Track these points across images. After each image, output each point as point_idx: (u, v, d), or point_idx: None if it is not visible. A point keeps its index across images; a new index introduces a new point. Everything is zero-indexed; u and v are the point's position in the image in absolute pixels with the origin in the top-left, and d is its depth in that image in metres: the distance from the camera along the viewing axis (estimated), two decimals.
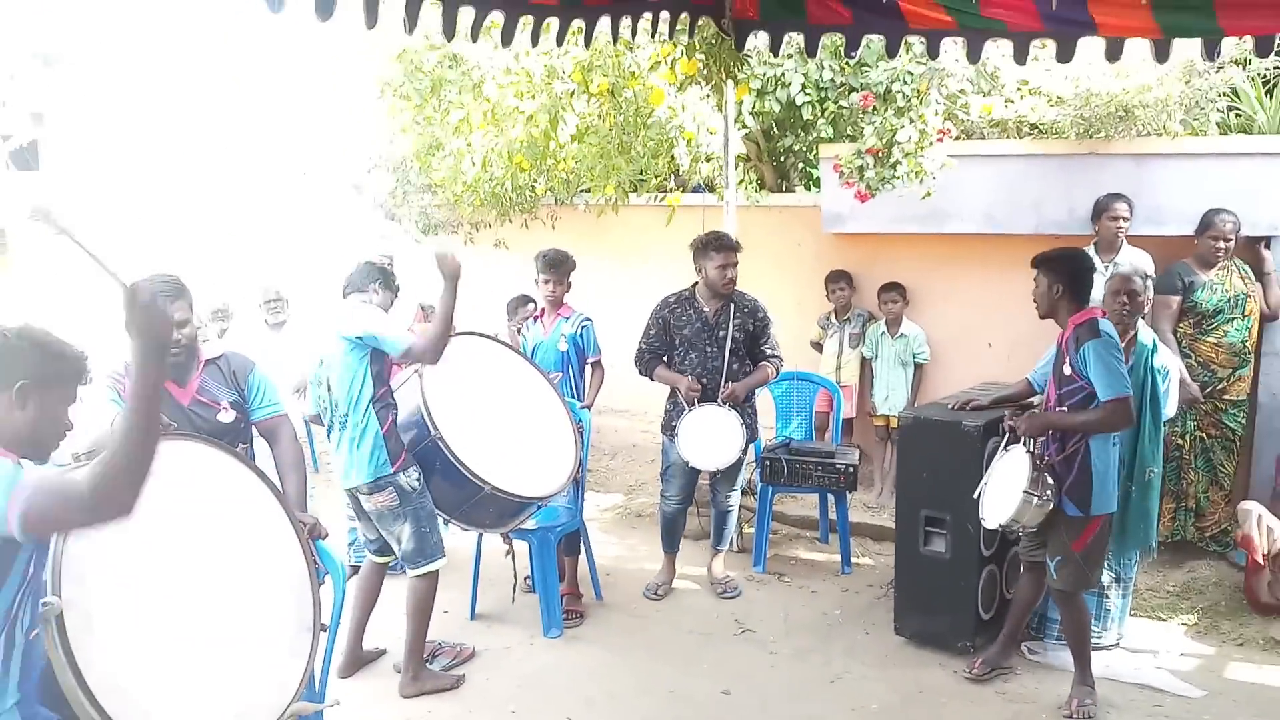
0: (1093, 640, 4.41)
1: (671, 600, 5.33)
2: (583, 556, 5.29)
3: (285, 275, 7.28)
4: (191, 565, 2.89)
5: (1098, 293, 5.42)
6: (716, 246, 5.02)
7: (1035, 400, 4.43)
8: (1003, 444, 4.16)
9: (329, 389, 4.26)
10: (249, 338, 6.39)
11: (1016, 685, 4.34)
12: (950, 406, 4.65)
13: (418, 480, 4.23)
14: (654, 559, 5.54)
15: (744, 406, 5.14)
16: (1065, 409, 3.97)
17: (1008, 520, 3.93)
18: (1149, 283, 4.58)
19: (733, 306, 5.12)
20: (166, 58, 9.77)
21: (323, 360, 4.28)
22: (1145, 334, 4.38)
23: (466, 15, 3.93)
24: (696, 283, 5.16)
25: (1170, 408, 4.53)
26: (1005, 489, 3.99)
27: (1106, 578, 4.49)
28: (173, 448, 3.09)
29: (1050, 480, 3.92)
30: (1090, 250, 5.52)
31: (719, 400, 5.04)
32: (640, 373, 5.30)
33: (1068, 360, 3.94)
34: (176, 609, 2.74)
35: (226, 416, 3.59)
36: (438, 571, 4.32)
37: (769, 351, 5.23)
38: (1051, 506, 3.91)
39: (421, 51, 7.01)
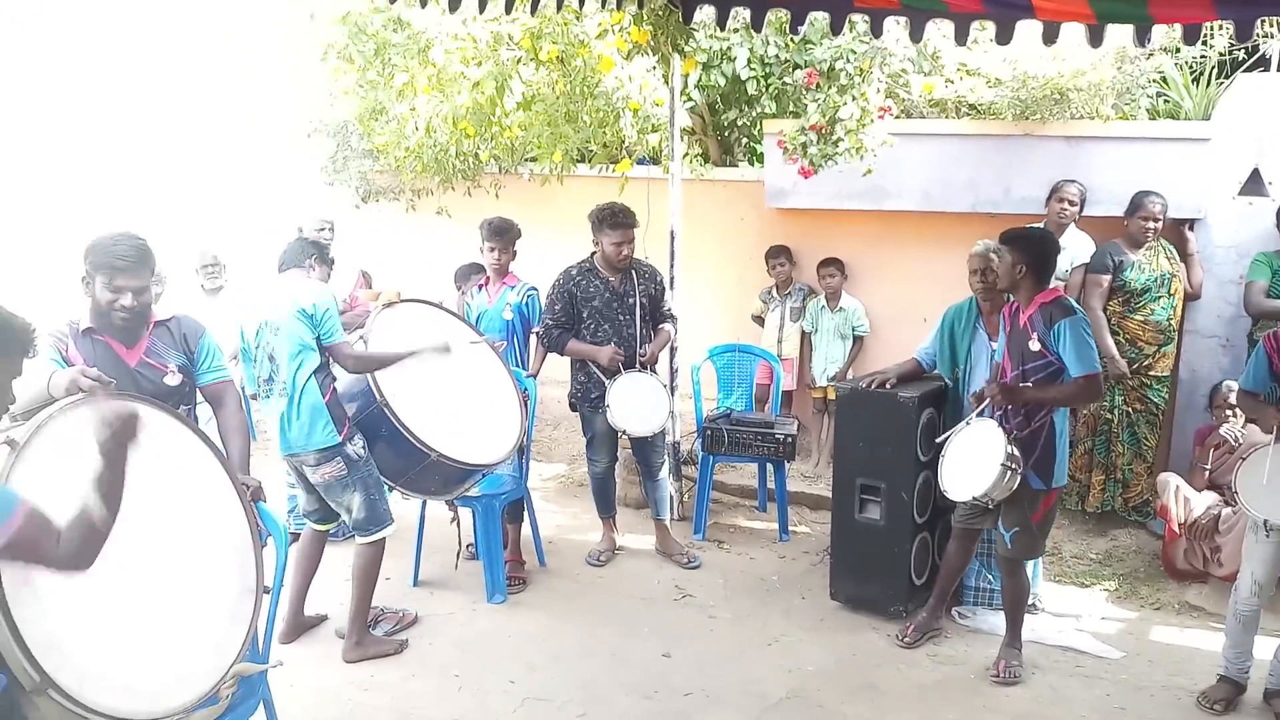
0: None
1: (613, 566, 5.41)
2: (526, 524, 5.33)
3: (222, 240, 7.15)
4: (133, 526, 2.86)
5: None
6: (612, 223, 5.05)
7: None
8: (975, 413, 4.18)
9: (270, 357, 4.22)
10: (185, 303, 6.27)
11: (946, 648, 4.50)
12: (865, 386, 4.76)
13: (363, 448, 4.25)
14: (596, 527, 5.60)
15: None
16: (1030, 384, 4.07)
17: (982, 493, 3.99)
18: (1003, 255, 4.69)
19: (634, 274, 5.18)
20: (106, 11, 9.46)
21: (266, 325, 4.23)
22: None
23: None
24: (594, 253, 5.18)
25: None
26: (974, 461, 4.07)
27: None
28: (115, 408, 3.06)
29: (1018, 453, 4.01)
30: None
31: (639, 365, 5.11)
32: (548, 349, 5.33)
33: (1034, 336, 4.05)
34: (117, 569, 2.72)
35: (173, 379, 3.55)
36: (385, 538, 4.33)
37: (668, 313, 5.41)
38: (1019, 479, 4.01)
39: (366, 14, 6.89)
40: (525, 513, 5.31)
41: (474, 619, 4.78)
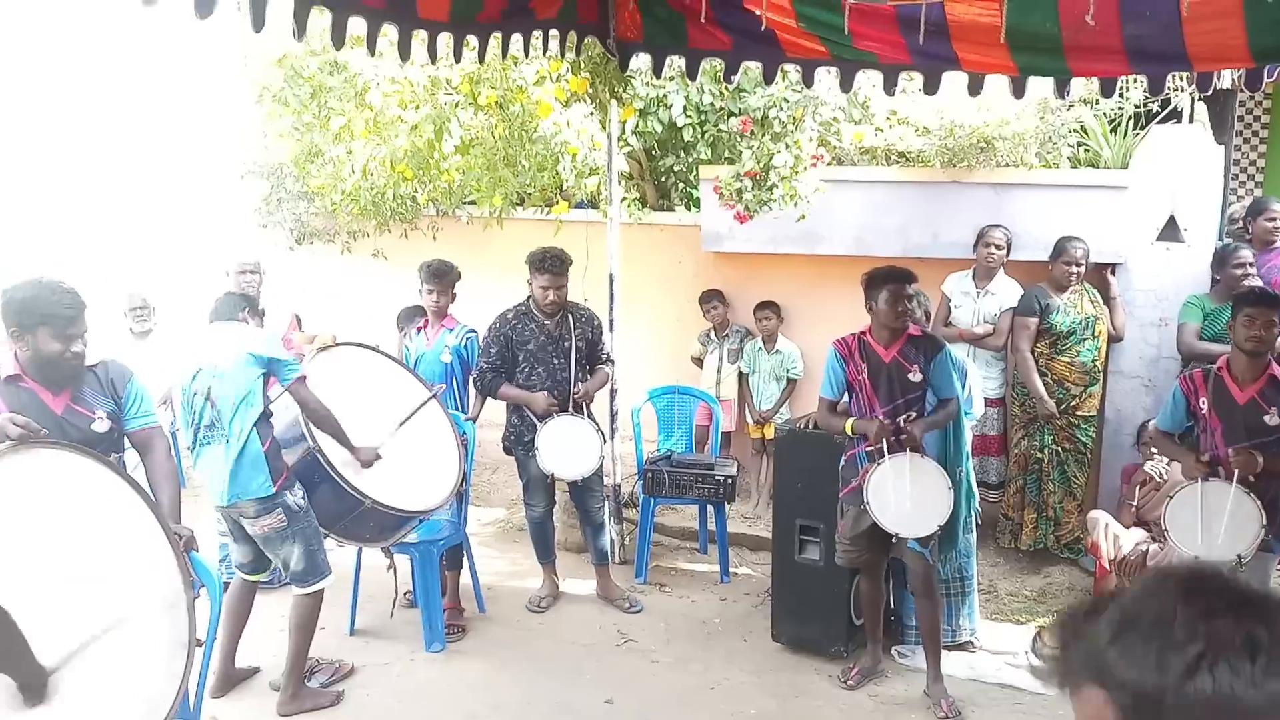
0: (956, 637, 4.78)
1: (554, 612, 5.36)
2: (465, 570, 5.26)
3: (153, 282, 7.01)
4: (59, 578, 2.78)
5: (965, 316, 5.75)
6: (540, 267, 5.06)
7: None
8: (887, 450, 4.18)
9: (210, 403, 4.11)
10: (113, 347, 6.12)
11: (887, 688, 4.53)
12: (802, 426, 4.83)
13: (303, 499, 4.16)
14: (537, 573, 5.55)
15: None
16: (914, 413, 4.21)
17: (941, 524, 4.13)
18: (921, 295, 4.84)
19: (570, 318, 5.20)
20: (30, 47, 9.28)
21: (205, 371, 4.13)
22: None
23: (356, 25, 3.89)
24: (530, 296, 5.21)
25: (975, 407, 4.84)
26: (927, 499, 4.13)
27: (950, 574, 4.78)
28: (43, 457, 2.99)
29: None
30: (969, 276, 5.84)
31: (571, 406, 5.11)
32: (481, 393, 5.32)
33: (915, 367, 4.21)
34: (43, 622, 2.64)
35: (101, 426, 3.46)
36: (324, 589, 4.24)
37: (604, 355, 5.42)
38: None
39: (303, 57, 6.87)
40: (464, 559, 5.24)
41: (412, 669, 4.69)
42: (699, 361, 6.79)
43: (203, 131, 8.53)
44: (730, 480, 5.60)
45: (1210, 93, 5.14)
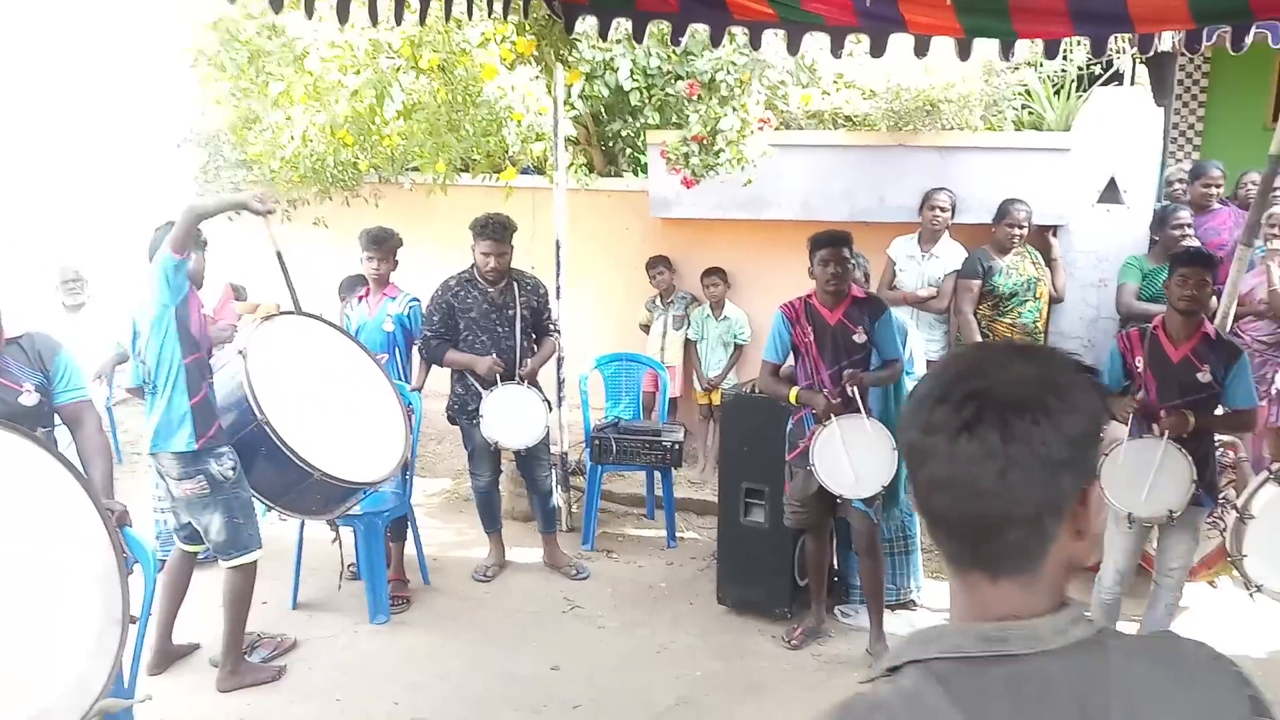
0: (900, 596, 4.86)
1: (500, 582, 5.34)
2: (410, 542, 5.22)
3: (88, 254, 6.83)
4: None
5: (910, 279, 5.78)
6: (482, 233, 5.01)
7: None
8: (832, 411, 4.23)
9: (141, 361, 4.04)
10: (44, 319, 5.96)
11: (830, 648, 4.58)
12: (749, 391, 4.85)
13: (231, 469, 4.05)
14: (483, 543, 5.52)
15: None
16: (855, 370, 4.25)
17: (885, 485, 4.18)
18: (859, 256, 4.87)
19: (516, 285, 5.14)
20: None
21: (136, 326, 4.05)
22: None
23: None
24: (474, 263, 5.15)
25: (917, 366, 4.89)
26: (871, 460, 4.15)
27: (894, 533, 4.86)
28: None
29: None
30: (914, 240, 5.86)
31: (518, 378, 5.06)
32: (426, 360, 5.28)
33: (860, 329, 4.25)
34: None
35: (29, 399, 3.36)
36: (255, 562, 4.17)
37: (551, 326, 5.35)
38: None
39: (239, 20, 6.68)
40: (409, 530, 5.20)
41: (356, 641, 4.65)
42: (646, 328, 6.77)
43: (137, 97, 8.29)
44: (677, 446, 5.60)
45: (1151, 55, 5.18)
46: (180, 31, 7.17)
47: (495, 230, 4.98)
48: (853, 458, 4.15)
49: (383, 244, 5.35)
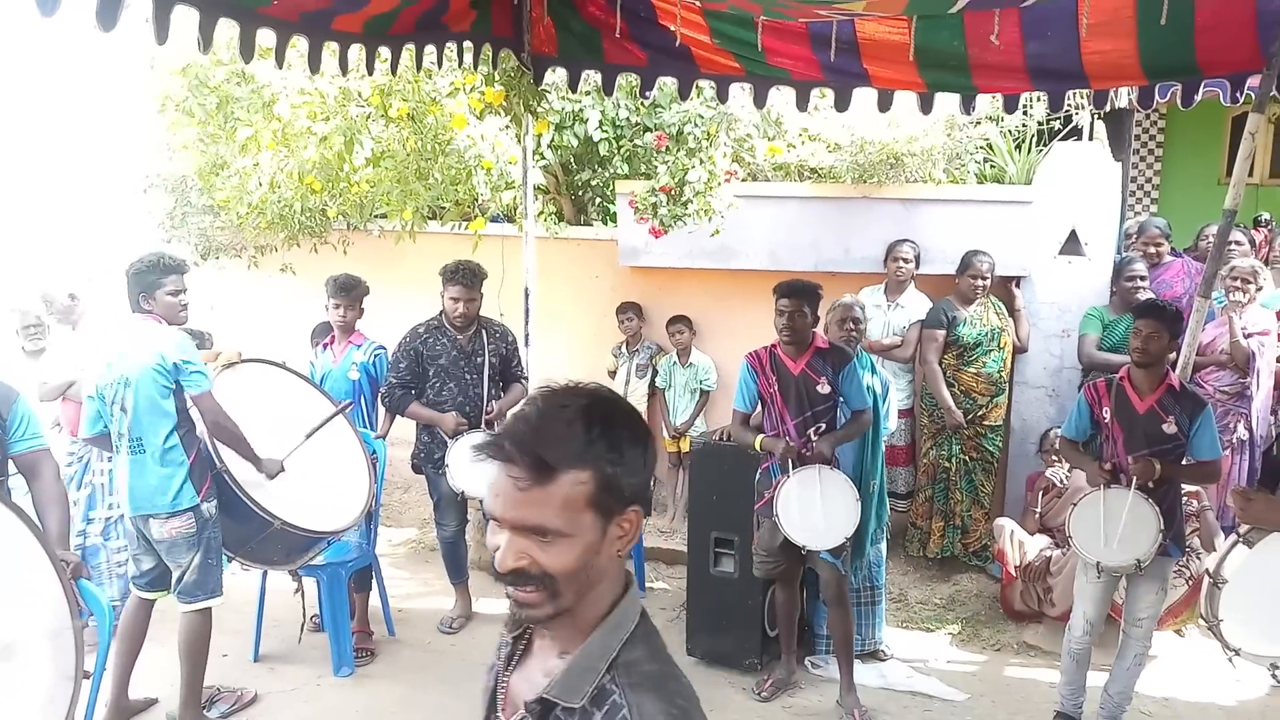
0: (867, 645, 4.85)
1: (466, 633, 5.26)
2: (375, 592, 5.13)
3: (49, 299, 6.72)
4: None
5: (875, 329, 5.82)
6: (452, 279, 5.01)
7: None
8: (794, 465, 4.24)
9: (122, 410, 3.95)
10: (3, 366, 5.85)
11: (801, 699, 4.55)
12: (718, 439, 4.84)
13: (215, 508, 4.02)
14: (449, 593, 5.44)
15: None
16: (823, 425, 4.25)
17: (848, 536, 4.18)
18: (865, 313, 4.95)
19: (484, 333, 5.13)
20: None
21: (113, 381, 3.97)
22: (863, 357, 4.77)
23: (266, 37, 3.79)
24: (443, 310, 5.14)
25: (890, 422, 4.92)
26: (835, 511, 4.16)
27: (861, 584, 4.84)
28: None
29: None
30: (880, 290, 5.93)
31: (484, 424, 5.03)
32: (389, 410, 5.23)
33: (824, 379, 4.24)
34: None
35: None
36: (211, 609, 4.09)
37: (519, 373, 5.33)
38: None
39: (208, 67, 6.68)
40: (373, 580, 5.12)
41: (319, 694, 4.55)
42: (614, 374, 6.77)
43: (104, 143, 8.24)
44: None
45: (1108, 110, 5.32)
46: (146, 77, 7.16)
47: (465, 276, 4.98)
48: (817, 508, 4.16)
49: (349, 291, 5.33)
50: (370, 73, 4.71)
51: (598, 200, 7.29)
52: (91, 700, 3.12)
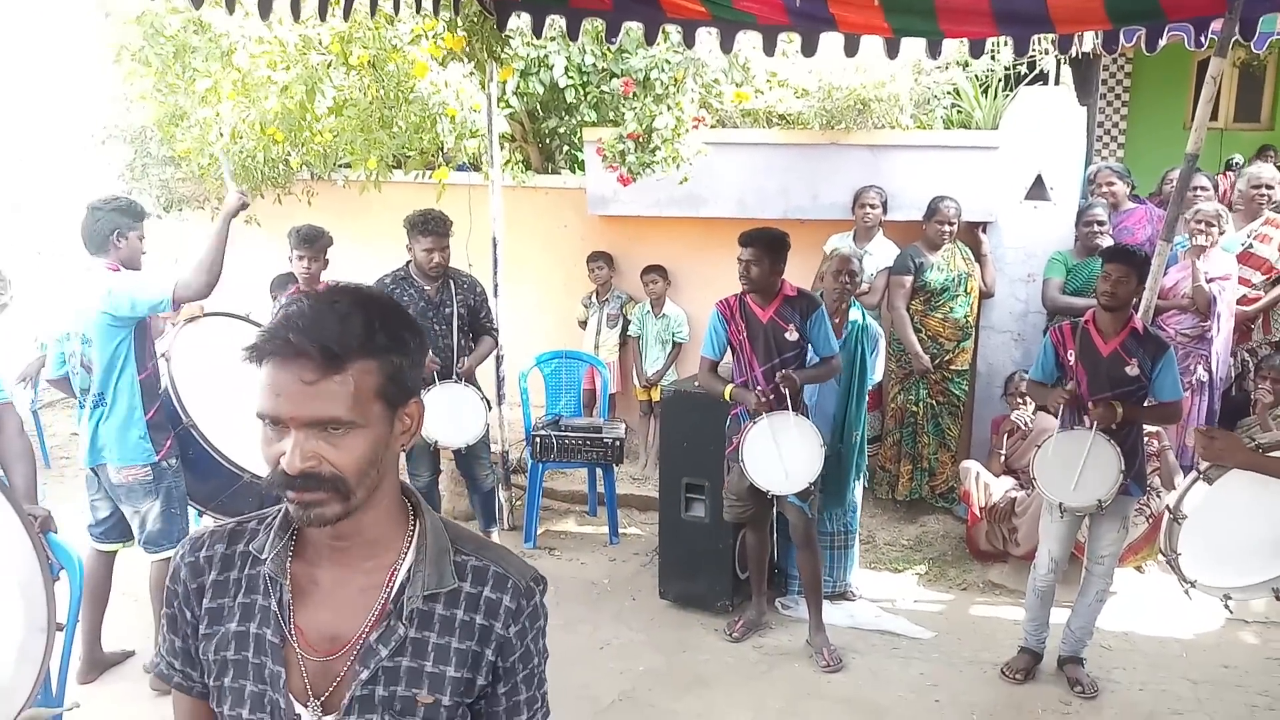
0: (838, 587, 4.93)
1: None
2: None
3: (9, 253, 6.63)
4: None
5: None
6: (424, 229, 4.97)
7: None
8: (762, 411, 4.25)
9: (84, 367, 3.90)
10: None
11: (771, 639, 4.63)
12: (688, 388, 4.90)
13: (175, 459, 4.00)
14: None
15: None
16: (789, 369, 4.26)
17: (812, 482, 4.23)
18: (863, 264, 5.00)
19: (452, 284, 5.11)
20: None
21: (71, 334, 3.92)
22: (854, 310, 4.78)
23: None
24: (410, 261, 5.10)
25: (877, 373, 4.97)
26: (799, 457, 4.20)
27: (836, 528, 4.91)
28: None
29: None
30: (849, 237, 5.94)
31: (455, 376, 5.03)
32: None
33: (791, 326, 4.26)
34: None
35: None
36: None
37: (488, 325, 5.32)
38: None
39: (163, 15, 6.52)
40: None
41: None
42: (584, 324, 6.77)
43: (54, 92, 8.05)
44: (619, 443, 5.61)
45: (1072, 55, 5.32)
46: (100, 26, 6.98)
47: (436, 225, 4.95)
48: (782, 454, 4.20)
49: (313, 243, 5.24)
50: (323, 18, 4.61)
51: (565, 148, 7.24)
52: (65, 652, 3.14)
